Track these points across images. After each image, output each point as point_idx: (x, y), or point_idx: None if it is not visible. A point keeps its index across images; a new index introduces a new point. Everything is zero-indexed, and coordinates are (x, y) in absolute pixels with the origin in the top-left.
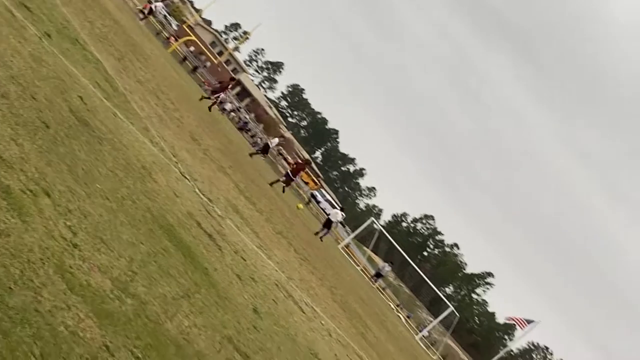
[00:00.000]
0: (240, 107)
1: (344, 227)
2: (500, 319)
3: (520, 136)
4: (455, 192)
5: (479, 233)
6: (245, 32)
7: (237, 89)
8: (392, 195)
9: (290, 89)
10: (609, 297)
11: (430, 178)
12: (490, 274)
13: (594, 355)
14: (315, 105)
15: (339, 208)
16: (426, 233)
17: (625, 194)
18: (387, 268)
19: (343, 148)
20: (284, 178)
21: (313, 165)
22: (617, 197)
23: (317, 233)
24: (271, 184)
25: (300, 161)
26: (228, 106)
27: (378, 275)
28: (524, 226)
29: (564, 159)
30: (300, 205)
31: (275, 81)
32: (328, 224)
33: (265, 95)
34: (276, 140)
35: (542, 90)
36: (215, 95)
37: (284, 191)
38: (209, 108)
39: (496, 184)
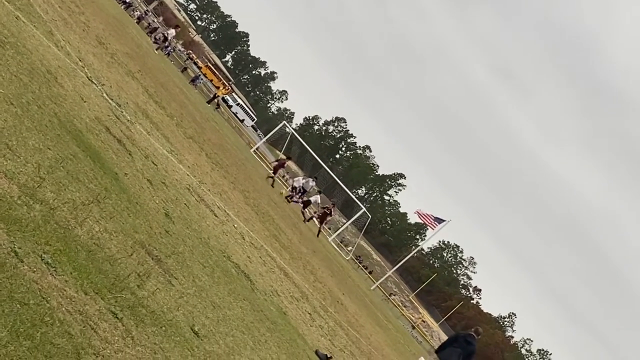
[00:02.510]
0: (148, 11)
1: (256, 130)
2: (412, 219)
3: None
4: (366, 94)
5: (391, 135)
6: None
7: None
8: (303, 98)
9: None
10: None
11: (342, 80)
12: (401, 175)
13: (502, 252)
14: (225, 9)
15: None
16: (338, 136)
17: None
18: (311, 183)
19: (254, 51)
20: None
21: (224, 69)
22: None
23: None
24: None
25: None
26: (136, 14)
27: (303, 191)
28: (433, 126)
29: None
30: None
31: None
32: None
33: None
34: (172, 31)
35: None
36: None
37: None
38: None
39: (406, 85)
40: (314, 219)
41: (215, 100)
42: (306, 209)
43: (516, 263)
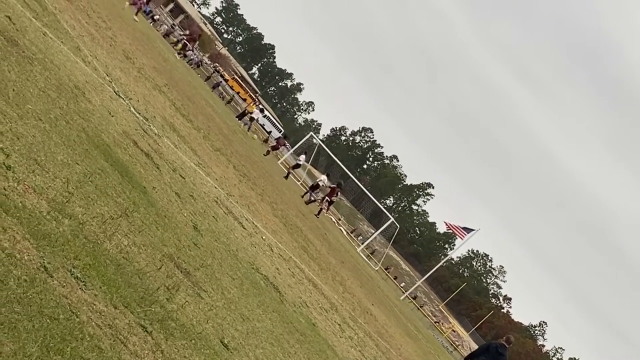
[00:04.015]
0: (174, 25)
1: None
2: (441, 228)
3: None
4: (392, 103)
5: (419, 145)
6: None
7: (170, 5)
8: (330, 109)
9: (224, 5)
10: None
11: (368, 90)
12: (430, 185)
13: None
14: (251, 21)
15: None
16: (365, 146)
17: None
18: (302, 157)
19: (280, 63)
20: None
21: (250, 81)
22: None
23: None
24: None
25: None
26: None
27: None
28: (458, 134)
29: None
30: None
31: None
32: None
33: (199, 12)
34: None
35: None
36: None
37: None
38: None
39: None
40: (322, 206)
41: (246, 116)
42: (312, 196)
43: (546, 271)
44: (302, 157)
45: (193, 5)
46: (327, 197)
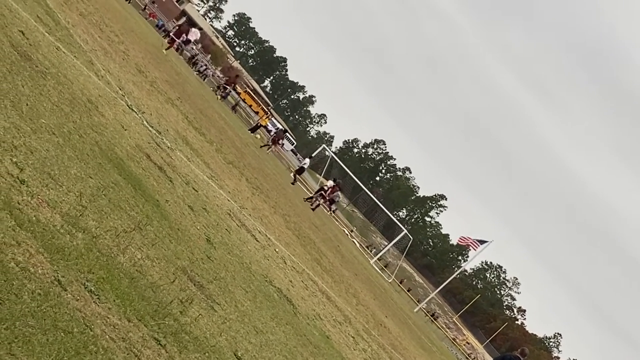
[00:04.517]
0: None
1: (295, 155)
2: (454, 240)
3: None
4: (403, 115)
5: (431, 156)
6: None
7: (183, 19)
8: (343, 121)
9: (236, 18)
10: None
11: (380, 102)
12: (442, 197)
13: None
14: (263, 34)
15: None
16: (378, 158)
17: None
18: (306, 160)
19: (292, 76)
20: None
21: (262, 94)
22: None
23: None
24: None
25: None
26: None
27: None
28: (474, 148)
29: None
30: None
31: (221, 11)
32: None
33: (212, 26)
34: (196, 32)
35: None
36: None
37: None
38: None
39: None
40: (319, 202)
41: (259, 129)
42: (315, 198)
43: (560, 281)
44: (307, 160)
45: (205, 19)
46: (326, 196)
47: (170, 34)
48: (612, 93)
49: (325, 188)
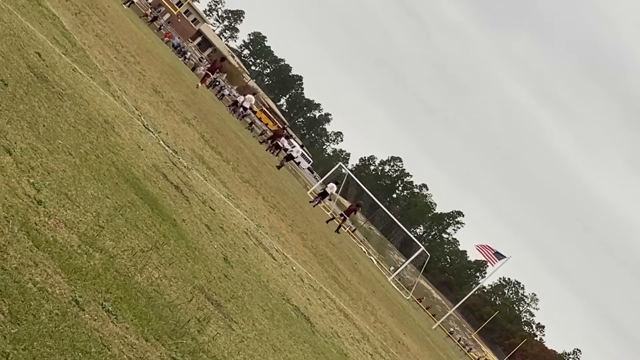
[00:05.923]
0: (202, 58)
1: (312, 173)
2: (472, 256)
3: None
4: (421, 133)
5: (448, 173)
6: None
7: (198, 39)
8: (359, 138)
9: (251, 37)
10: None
11: (396, 119)
12: (460, 213)
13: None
14: (278, 53)
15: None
16: (394, 175)
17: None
18: (335, 187)
19: (308, 94)
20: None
21: (278, 112)
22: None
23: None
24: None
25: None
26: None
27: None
28: (492, 164)
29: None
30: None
31: (237, 30)
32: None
33: (227, 45)
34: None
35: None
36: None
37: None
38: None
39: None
40: (336, 218)
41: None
42: (323, 202)
43: (579, 297)
44: (333, 185)
45: (221, 38)
46: (343, 213)
47: (203, 69)
48: (628, 106)
49: (329, 192)
